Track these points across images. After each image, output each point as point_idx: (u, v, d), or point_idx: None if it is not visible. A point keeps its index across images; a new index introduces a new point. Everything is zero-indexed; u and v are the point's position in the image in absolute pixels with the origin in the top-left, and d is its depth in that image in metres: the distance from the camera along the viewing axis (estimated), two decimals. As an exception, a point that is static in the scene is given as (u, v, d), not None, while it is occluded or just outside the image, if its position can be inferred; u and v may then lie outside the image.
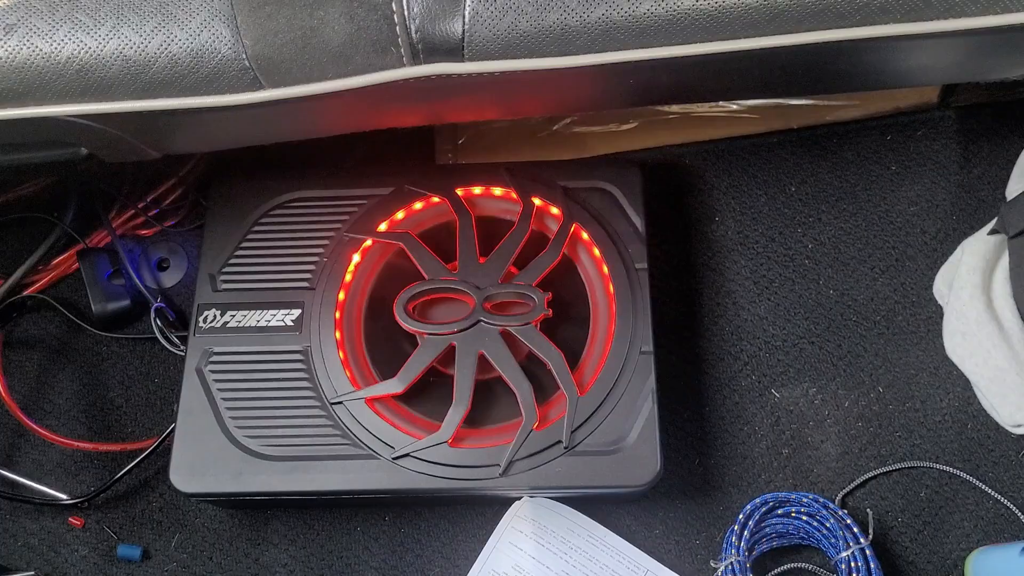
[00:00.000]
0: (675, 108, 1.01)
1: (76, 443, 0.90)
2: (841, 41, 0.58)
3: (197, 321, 0.85)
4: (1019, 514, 0.85)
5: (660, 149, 1.02)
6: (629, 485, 0.79)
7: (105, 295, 0.95)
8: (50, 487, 0.90)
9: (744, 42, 0.58)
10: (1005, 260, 0.89)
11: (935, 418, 0.89)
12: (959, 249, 0.92)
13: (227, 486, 0.80)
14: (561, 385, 0.81)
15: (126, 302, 0.96)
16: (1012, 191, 0.95)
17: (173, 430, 0.82)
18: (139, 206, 0.99)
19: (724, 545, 0.82)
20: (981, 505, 0.86)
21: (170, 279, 0.99)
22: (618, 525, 0.86)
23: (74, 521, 0.89)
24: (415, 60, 0.58)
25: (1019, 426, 0.86)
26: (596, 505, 0.86)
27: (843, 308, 0.94)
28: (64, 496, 0.89)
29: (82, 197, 0.99)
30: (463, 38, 0.57)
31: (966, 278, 0.89)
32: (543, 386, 0.82)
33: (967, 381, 0.90)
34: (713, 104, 1.00)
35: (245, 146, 0.73)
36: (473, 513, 0.88)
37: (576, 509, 0.85)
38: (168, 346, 0.92)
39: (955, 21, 0.57)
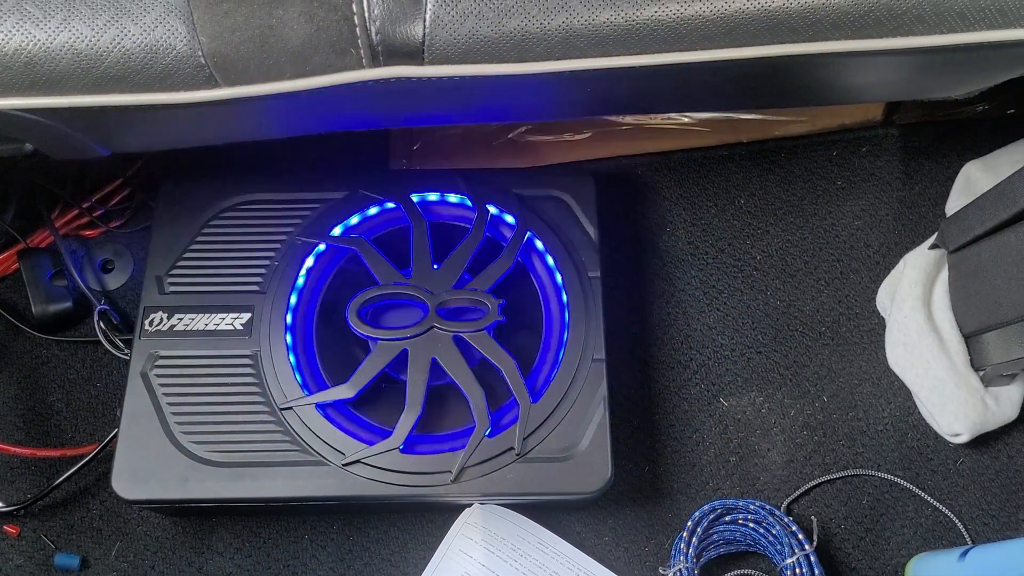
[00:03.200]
0: (628, 119, 1.02)
1: (13, 448, 0.87)
2: (794, 55, 0.60)
3: (143, 324, 0.83)
4: (957, 521, 0.87)
5: (613, 159, 1.03)
6: (580, 492, 0.79)
7: (46, 296, 0.93)
8: (-16, 494, 0.87)
9: (700, 54, 0.59)
10: (945, 274, 0.91)
11: (877, 427, 0.91)
12: (901, 263, 0.94)
13: (172, 493, 0.78)
14: (513, 392, 0.81)
15: (68, 304, 0.93)
16: (951, 207, 0.98)
17: (116, 435, 0.80)
18: (83, 206, 0.97)
19: (672, 552, 0.83)
20: (921, 512, 0.88)
21: (115, 281, 0.97)
22: (568, 532, 0.86)
23: (9, 529, 0.87)
24: (375, 62, 0.58)
25: (957, 435, 0.88)
26: (547, 512, 0.86)
27: (789, 319, 0.96)
28: (-1, 503, 0.86)
29: (24, 195, 0.96)
30: (423, 41, 0.57)
31: (908, 291, 0.91)
32: (495, 393, 0.82)
33: (908, 391, 0.92)
34: (666, 116, 1.02)
35: (197, 146, 0.72)
36: (423, 520, 0.87)
37: (526, 516, 0.85)
38: (112, 349, 0.90)
39: (903, 39, 0.59)
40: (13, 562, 0.86)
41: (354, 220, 0.88)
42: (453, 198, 0.89)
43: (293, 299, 0.84)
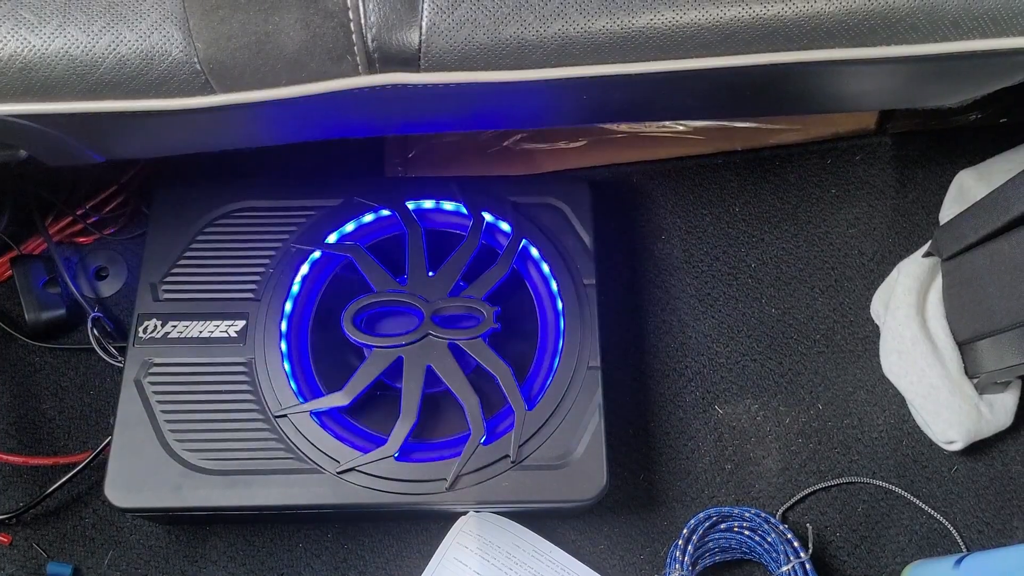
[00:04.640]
0: (624, 127, 1.02)
1: (5, 456, 0.86)
2: (789, 63, 0.60)
3: (137, 331, 0.83)
4: (952, 529, 0.88)
5: (608, 167, 1.03)
6: (575, 500, 0.79)
7: (40, 304, 0.92)
8: (-24, 502, 0.87)
9: (696, 61, 0.59)
10: (939, 282, 0.92)
11: (872, 435, 0.92)
12: (895, 271, 0.94)
13: (165, 501, 0.78)
14: (509, 400, 0.81)
15: (61, 311, 0.93)
16: (945, 215, 0.98)
17: (109, 443, 0.80)
18: (78, 213, 0.97)
19: (668, 560, 0.83)
20: (916, 520, 0.88)
21: (109, 288, 0.96)
22: (563, 540, 0.86)
23: (1, 538, 0.86)
24: (370, 69, 0.58)
25: (951, 443, 0.89)
26: (542, 520, 0.86)
27: (784, 326, 0.96)
28: (-9, 512, 0.86)
29: (17, 201, 0.96)
30: (420, 48, 0.57)
31: (902, 299, 0.91)
32: (491, 400, 0.82)
33: (902, 399, 0.92)
34: (660, 124, 1.02)
35: (192, 153, 0.72)
36: (418, 528, 0.87)
37: (522, 524, 0.85)
38: (106, 357, 0.89)
39: (897, 48, 0.59)
40: (5, 571, 0.85)
41: (349, 227, 0.88)
42: (448, 205, 0.89)
43: (288, 306, 0.84)
